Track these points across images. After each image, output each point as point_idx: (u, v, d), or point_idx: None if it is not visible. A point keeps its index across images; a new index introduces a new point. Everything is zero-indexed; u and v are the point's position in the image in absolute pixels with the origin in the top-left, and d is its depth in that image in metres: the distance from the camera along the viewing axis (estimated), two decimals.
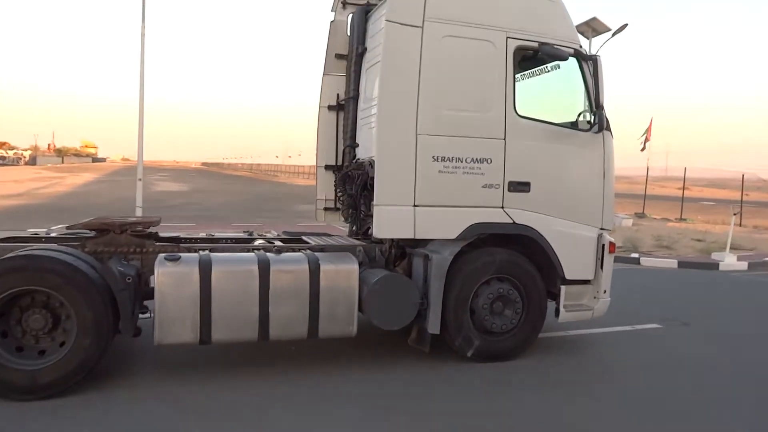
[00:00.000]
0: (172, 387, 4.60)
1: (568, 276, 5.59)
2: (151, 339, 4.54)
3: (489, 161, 5.32)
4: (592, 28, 17.94)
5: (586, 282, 5.76)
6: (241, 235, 6.46)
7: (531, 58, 5.67)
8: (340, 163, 7.21)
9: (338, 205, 7.33)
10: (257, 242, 5.86)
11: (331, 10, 7.13)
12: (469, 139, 5.27)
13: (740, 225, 19.31)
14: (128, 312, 4.49)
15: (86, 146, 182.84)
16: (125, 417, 4.06)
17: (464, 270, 5.28)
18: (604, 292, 5.79)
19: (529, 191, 5.44)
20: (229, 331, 4.70)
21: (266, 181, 55.59)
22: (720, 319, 7.55)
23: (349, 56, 6.96)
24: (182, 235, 5.95)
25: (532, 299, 5.51)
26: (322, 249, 5.40)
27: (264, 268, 4.76)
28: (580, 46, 5.61)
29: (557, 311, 5.67)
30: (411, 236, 5.21)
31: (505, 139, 5.35)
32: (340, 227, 7.61)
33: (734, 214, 12.74)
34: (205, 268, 4.63)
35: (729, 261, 11.90)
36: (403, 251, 5.73)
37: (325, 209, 7.36)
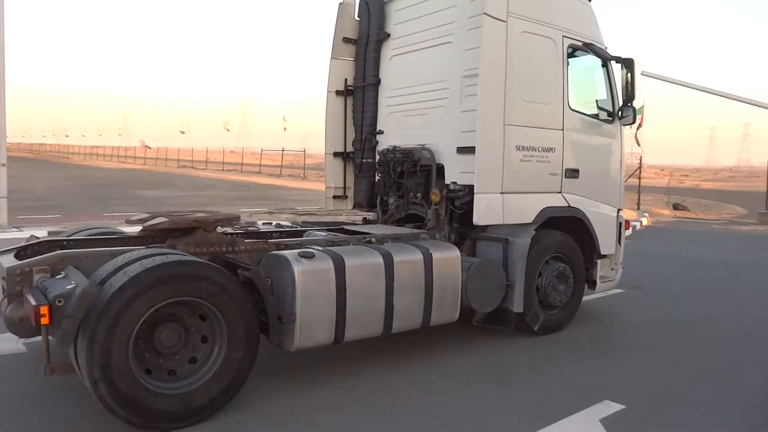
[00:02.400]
0: (324, 392, 4.34)
1: (603, 251, 6.32)
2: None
3: (553, 150, 5.78)
4: None
5: (604, 256, 6.55)
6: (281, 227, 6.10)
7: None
8: (349, 150, 7.15)
9: (346, 193, 7.26)
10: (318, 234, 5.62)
11: None
12: (540, 129, 5.67)
13: None
14: (275, 317, 4.10)
15: None
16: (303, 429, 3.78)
17: (532, 251, 5.68)
18: (620, 263, 6.66)
19: (578, 177, 6.02)
20: (360, 327, 4.54)
21: (64, 164, 49.35)
22: (657, 280, 8.96)
23: (363, 41, 6.89)
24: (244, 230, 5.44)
25: (578, 274, 6.13)
26: (397, 238, 5.38)
27: (388, 260, 4.66)
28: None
29: (593, 283, 6.38)
30: (500, 222, 5.48)
31: (563, 129, 5.85)
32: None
33: None
34: (339, 264, 4.40)
35: None
36: (461, 237, 5.93)
37: (334, 197, 7.22)
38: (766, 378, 4.95)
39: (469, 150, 5.58)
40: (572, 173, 5.96)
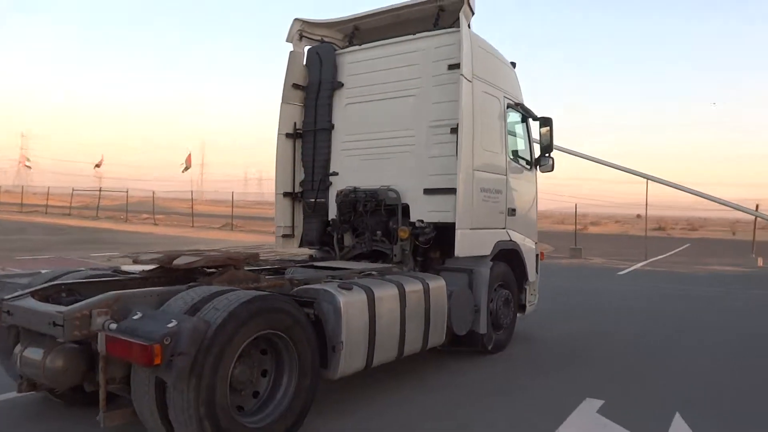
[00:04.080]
0: (359, 415, 4.59)
1: (530, 279, 7.38)
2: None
3: (501, 192, 6.74)
4: None
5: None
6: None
7: None
8: (297, 190, 7.42)
9: (294, 233, 7.48)
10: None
11: (287, 41, 7.34)
12: (493, 174, 6.59)
13: None
14: (331, 347, 4.32)
15: None
16: None
17: (489, 280, 6.50)
18: (537, 289, 7.80)
19: (515, 215, 7.04)
20: (384, 353, 4.89)
21: None
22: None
23: (313, 88, 7.32)
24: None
25: (515, 299, 7.09)
26: (379, 272, 5.83)
27: (401, 291, 5.12)
28: None
29: (523, 307, 7.39)
30: (470, 254, 6.20)
31: (506, 175, 6.85)
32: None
33: None
34: (370, 295, 4.75)
35: None
36: (422, 269, 6.54)
37: (283, 236, 7.41)
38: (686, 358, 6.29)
39: (437, 191, 6.31)
40: (512, 212, 6.97)
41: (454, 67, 6.25)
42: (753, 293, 13.13)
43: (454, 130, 6.19)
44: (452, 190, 6.15)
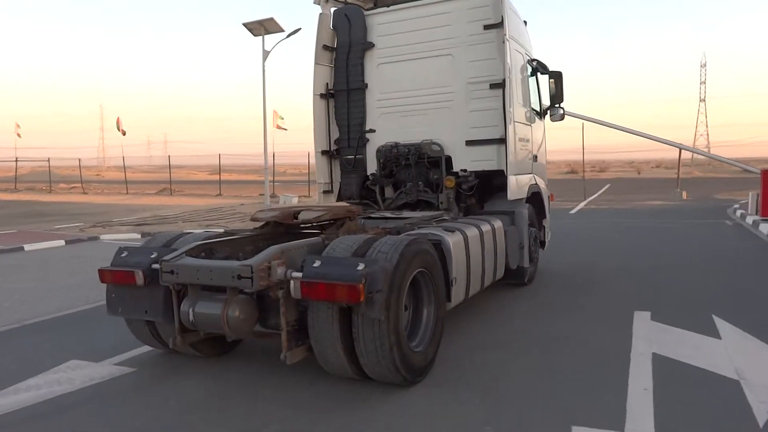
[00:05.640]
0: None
1: (547, 218, 8.24)
2: None
3: (528, 141, 7.46)
4: (265, 27, 19.80)
5: None
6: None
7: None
8: (333, 148, 7.81)
9: (332, 188, 7.90)
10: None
11: (314, 3, 7.57)
12: (524, 125, 7.28)
13: None
14: (449, 282, 4.93)
15: None
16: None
17: None
18: (549, 228, 8.69)
19: (536, 161, 7.81)
20: (474, 286, 5.56)
21: None
22: None
23: (342, 49, 7.67)
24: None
25: (539, 236, 7.94)
26: (438, 219, 6.45)
27: (480, 231, 5.77)
28: None
29: (543, 243, 8.25)
30: (516, 197, 6.91)
31: (531, 125, 7.57)
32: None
33: None
34: (464, 237, 5.38)
35: None
36: (464, 214, 7.21)
37: (324, 192, 7.82)
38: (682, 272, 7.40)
39: (479, 142, 6.93)
40: (535, 158, 7.74)
41: (490, 27, 6.81)
42: (691, 222, 14.85)
43: (494, 86, 6.80)
44: (494, 141, 6.82)
